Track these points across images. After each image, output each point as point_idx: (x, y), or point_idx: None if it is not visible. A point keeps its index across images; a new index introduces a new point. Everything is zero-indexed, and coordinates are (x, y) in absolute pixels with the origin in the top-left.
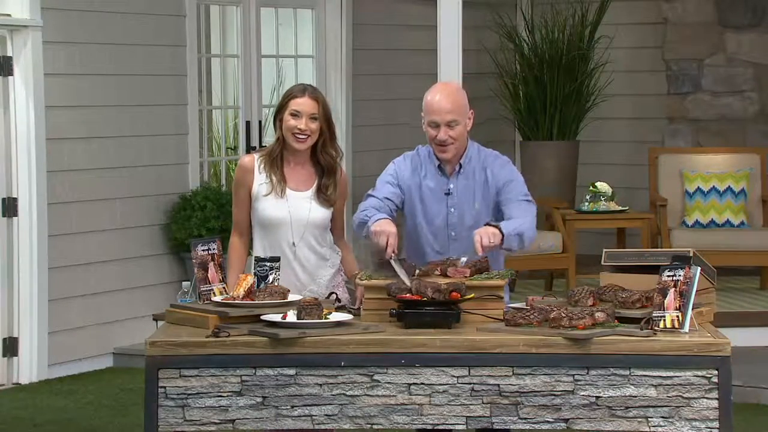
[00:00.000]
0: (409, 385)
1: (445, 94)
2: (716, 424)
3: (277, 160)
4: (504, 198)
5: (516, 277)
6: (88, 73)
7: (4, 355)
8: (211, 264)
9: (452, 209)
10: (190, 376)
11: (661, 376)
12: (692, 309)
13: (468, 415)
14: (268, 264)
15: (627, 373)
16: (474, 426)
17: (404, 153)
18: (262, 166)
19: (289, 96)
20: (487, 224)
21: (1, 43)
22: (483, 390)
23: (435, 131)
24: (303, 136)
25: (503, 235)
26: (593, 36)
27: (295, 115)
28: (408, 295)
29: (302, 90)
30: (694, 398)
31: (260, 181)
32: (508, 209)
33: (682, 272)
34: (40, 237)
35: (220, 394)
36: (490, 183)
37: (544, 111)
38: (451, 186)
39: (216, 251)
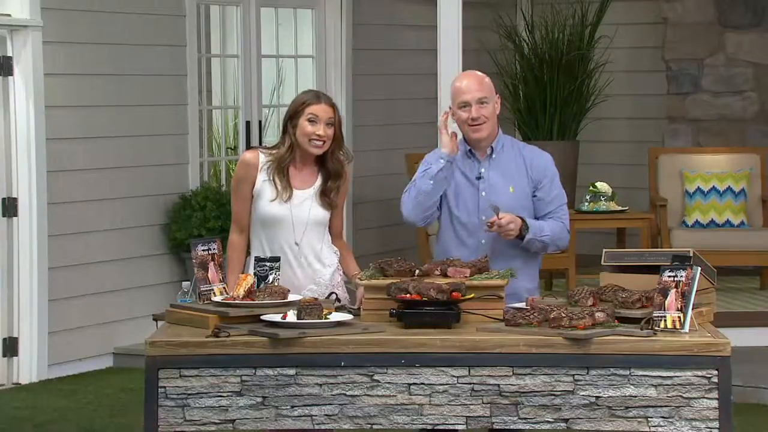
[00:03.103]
0: (409, 385)
1: (472, 77)
2: (716, 424)
3: (286, 166)
4: (543, 199)
5: (516, 277)
6: (88, 73)
7: (4, 355)
8: (211, 264)
9: (483, 193)
10: (190, 376)
11: (661, 376)
12: (692, 309)
13: (468, 415)
14: (268, 264)
15: (627, 373)
16: (474, 426)
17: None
18: (268, 168)
19: (304, 103)
20: (521, 218)
21: (1, 43)
22: (483, 390)
23: (467, 112)
24: (320, 142)
25: (522, 236)
26: (593, 36)
27: (313, 121)
28: (408, 295)
29: (317, 96)
30: (694, 398)
31: (263, 178)
32: (544, 210)
33: (683, 273)
34: (40, 237)
35: (220, 394)
36: (528, 172)
37: (544, 111)
38: (482, 170)
39: (216, 251)
